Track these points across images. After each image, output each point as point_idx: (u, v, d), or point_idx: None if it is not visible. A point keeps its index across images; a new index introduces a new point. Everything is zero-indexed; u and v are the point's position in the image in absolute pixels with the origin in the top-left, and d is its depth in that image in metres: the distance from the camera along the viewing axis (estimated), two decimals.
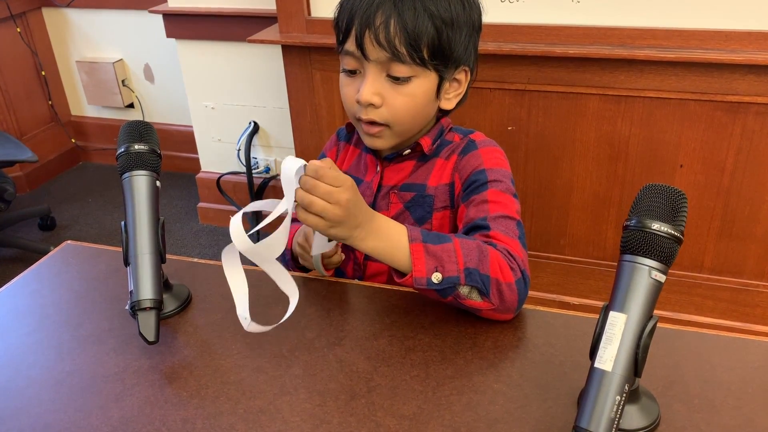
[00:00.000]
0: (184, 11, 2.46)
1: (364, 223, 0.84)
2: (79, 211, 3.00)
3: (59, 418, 0.79)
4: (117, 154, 0.92)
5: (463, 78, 0.98)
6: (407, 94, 0.93)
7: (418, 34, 0.89)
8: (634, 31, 1.70)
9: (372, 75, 0.93)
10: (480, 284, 0.85)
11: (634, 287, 0.68)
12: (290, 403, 0.79)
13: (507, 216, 0.93)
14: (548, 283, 2.10)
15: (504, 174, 0.98)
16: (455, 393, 0.79)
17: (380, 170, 1.06)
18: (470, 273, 0.85)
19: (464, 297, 0.86)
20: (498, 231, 0.91)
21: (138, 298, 0.85)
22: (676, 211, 0.69)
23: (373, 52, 0.91)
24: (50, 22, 3.19)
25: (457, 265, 0.85)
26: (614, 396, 0.66)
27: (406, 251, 0.85)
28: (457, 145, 1.02)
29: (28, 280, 1.06)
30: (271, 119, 2.60)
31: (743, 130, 1.71)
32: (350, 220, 0.83)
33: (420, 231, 0.87)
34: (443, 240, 0.87)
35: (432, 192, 1.01)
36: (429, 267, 0.85)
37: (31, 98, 3.19)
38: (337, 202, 0.80)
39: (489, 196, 0.95)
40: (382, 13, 0.89)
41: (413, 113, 0.96)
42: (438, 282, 0.85)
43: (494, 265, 0.86)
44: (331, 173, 0.81)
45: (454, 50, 0.92)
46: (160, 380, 0.84)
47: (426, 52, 0.91)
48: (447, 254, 0.85)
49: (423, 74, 0.93)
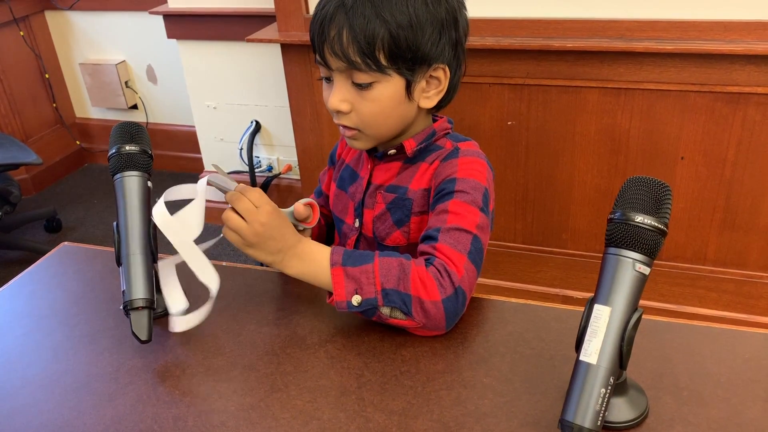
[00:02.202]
0: (184, 12, 2.47)
1: (285, 249, 0.88)
2: (85, 213, 3.02)
3: (53, 418, 0.80)
4: (108, 155, 0.93)
5: (441, 75, 0.97)
6: (372, 100, 0.94)
7: (370, 41, 0.89)
8: (633, 23, 1.69)
9: (338, 83, 0.94)
10: (399, 304, 0.84)
11: (619, 280, 0.68)
12: (281, 400, 0.79)
13: (462, 229, 0.91)
14: (551, 278, 2.10)
15: (474, 186, 0.95)
16: (445, 388, 0.79)
17: (371, 168, 1.06)
18: (387, 294, 0.84)
19: (387, 317, 0.86)
20: (445, 244, 0.89)
21: (130, 297, 0.86)
22: (660, 203, 0.68)
23: (333, 62, 0.92)
24: (53, 25, 3.21)
25: (374, 286, 0.85)
26: (599, 389, 0.66)
27: (328, 274, 0.87)
28: (444, 151, 1.01)
29: (25, 281, 1.07)
30: (272, 118, 2.61)
31: (744, 121, 1.70)
32: (267, 245, 0.87)
33: (343, 252, 0.88)
34: (364, 260, 0.87)
35: (411, 195, 1.01)
36: (348, 290, 0.85)
37: (36, 101, 3.21)
38: (252, 221, 0.85)
39: (450, 206, 0.93)
40: (336, 25, 0.90)
41: (382, 117, 0.96)
42: (358, 304, 0.85)
43: (416, 283, 0.85)
44: (255, 193, 0.86)
45: (419, 50, 0.91)
46: (152, 379, 0.84)
47: (383, 57, 0.90)
48: (365, 276, 0.85)
49: (384, 79, 0.92)
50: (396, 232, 1.02)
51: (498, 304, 0.94)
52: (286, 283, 1.02)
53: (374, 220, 1.04)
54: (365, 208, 1.05)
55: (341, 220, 1.11)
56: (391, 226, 1.03)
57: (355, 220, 1.07)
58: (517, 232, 2.08)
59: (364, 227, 1.06)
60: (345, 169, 1.12)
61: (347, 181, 1.11)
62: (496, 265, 2.12)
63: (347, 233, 1.09)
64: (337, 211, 1.12)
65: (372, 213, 1.05)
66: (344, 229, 1.10)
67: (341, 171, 1.13)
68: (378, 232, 1.04)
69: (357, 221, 1.06)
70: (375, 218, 1.04)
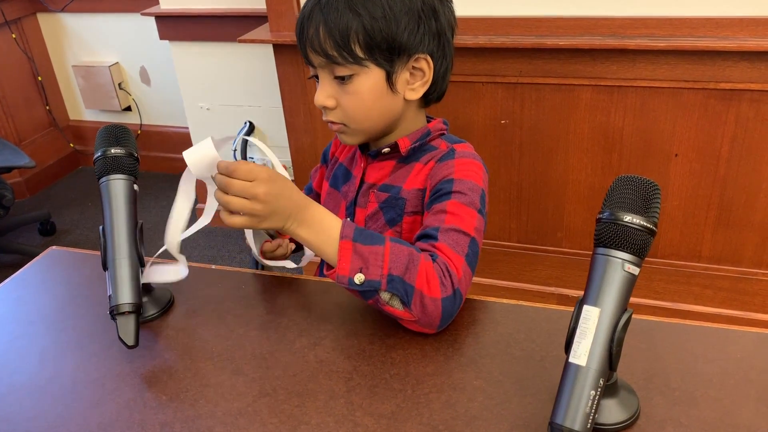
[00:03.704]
0: (176, 13, 2.46)
1: (295, 212, 0.85)
2: (79, 216, 3.00)
3: (39, 425, 0.79)
4: (94, 158, 0.92)
5: (425, 66, 0.97)
6: (353, 93, 0.95)
7: (344, 34, 0.90)
8: (625, 20, 1.68)
9: (322, 80, 0.96)
10: (401, 293, 0.83)
11: (608, 280, 0.67)
12: (269, 404, 0.79)
13: (460, 230, 0.90)
14: (546, 277, 2.09)
15: (472, 187, 0.95)
16: (434, 391, 0.79)
17: (364, 167, 1.05)
18: (392, 280, 0.83)
19: (384, 303, 0.85)
20: (445, 243, 0.88)
21: (116, 302, 0.85)
22: (649, 203, 0.68)
23: (314, 59, 0.95)
24: (45, 28, 3.20)
25: (381, 269, 0.83)
26: (589, 391, 0.66)
27: (335, 246, 0.85)
28: (439, 152, 1.01)
29: (12, 286, 1.06)
30: (266, 119, 2.60)
31: (737, 118, 1.70)
32: (277, 213, 0.84)
33: (354, 228, 0.86)
34: (375, 241, 0.85)
35: (405, 195, 1.00)
36: (354, 266, 0.84)
37: (29, 104, 3.20)
38: (254, 196, 0.82)
39: (448, 207, 0.93)
40: (313, 23, 0.93)
41: (364, 110, 0.96)
42: (360, 283, 0.84)
43: (421, 277, 0.84)
44: (243, 167, 0.82)
45: (395, 41, 0.92)
46: (139, 384, 0.83)
47: (358, 49, 0.92)
48: (374, 256, 0.84)
49: (363, 71, 0.93)
50: (388, 231, 1.02)
51: (488, 305, 0.93)
52: (275, 286, 1.01)
53: (366, 220, 1.04)
54: (357, 207, 1.05)
55: None
56: (384, 225, 1.02)
57: (347, 218, 1.06)
58: (511, 231, 2.07)
59: None
60: (339, 168, 1.12)
61: (340, 180, 1.10)
62: (492, 264, 2.11)
63: None
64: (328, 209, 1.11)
65: (364, 212, 1.04)
66: None
67: (335, 170, 1.13)
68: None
69: (348, 220, 1.06)
70: (367, 217, 1.04)
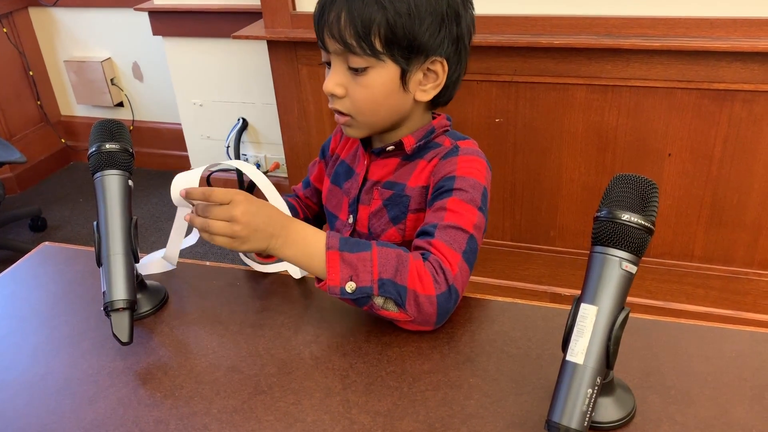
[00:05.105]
0: (170, 8, 2.45)
1: (277, 231, 0.86)
2: (71, 212, 2.99)
3: (32, 422, 0.78)
4: (88, 153, 0.91)
5: (439, 69, 0.96)
6: (365, 86, 0.94)
7: (366, 25, 0.89)
8: (620, 20, 1.69)
9: (335, 66, 0.95)
10: (395, 295, 0.83)
11: (605, 279, 0.67)
12: (264, 402, 0.78)
13: (459, 227, 0.90)
14: (539, 275, 2.10)
15: (473, 185, 0.95)
16: (431, 388, 0.79)
17: (367, 164, 1.05)
18: (383, 283, 0.83)
19: (379, 307, 0.85)
20: (441, 240, 0.89)
21: (111, 298, 0.84)
22: (647, 201, 0.68)
23: (330, 45, 0.93)
24: (37, 22, 3.17)
25: (371, 274, 0.84)
26: (586, 389, 0.66)
27: (322, 258, 0.85)
28: (444, 149, 1.01)
29: (4, 282, 1.05)
30: (259, 115, 2.59)
31: (730, 118, 1.70)
32: (258, 232, 0.84)
33: (339, 238, 0.86)
34: (362, 248, 0.85)
35: (409, 193, 1.00)
36: (343, 276, 0.84)
37: (20, 99, 3.17)
38: (232, 218, 0.83)
39: (449, 204, 0.93)
40: (336, 8, 0.91)
41: (373, 104, 0.95)
42: (352, 291, 0.84)
43: (413, 276, 0.84)
44: (218, 191, 0.84)
45: (415, 40, 0.91)
46: (134, 381, 0.83)
47: (378, 42, 0.91)
48: (362, 263, 0.84)
49: (379, 65, 0.93)
50: (392, 228, 1.01)
51: (485, 303, 0.93)
52: (271, 283, 1.01)
53: (370, 216, 1.03)
54: (360, 204, 1.05)
55: (335, 216, 1.10)
56: (387, 222, 1.02)
57: (349, 216, 1.06)
58: (505, 229, 2.07)
59: (359, 223, 1.05)
60: (340, 165, 1.11)
61: (342, 177, 1.10)
62: (485, 262, 2.11)
63: (340, 229, 1.08)
64: (330, 206, 1.11)
65: (368, 209, 1.04)
66: (337, 225, 1.09)
67: (336, 166, 1.12)
68: (373, 229, 1.03)
69: (351, 217, 1.06)
70: (371, 214, 1.03)
